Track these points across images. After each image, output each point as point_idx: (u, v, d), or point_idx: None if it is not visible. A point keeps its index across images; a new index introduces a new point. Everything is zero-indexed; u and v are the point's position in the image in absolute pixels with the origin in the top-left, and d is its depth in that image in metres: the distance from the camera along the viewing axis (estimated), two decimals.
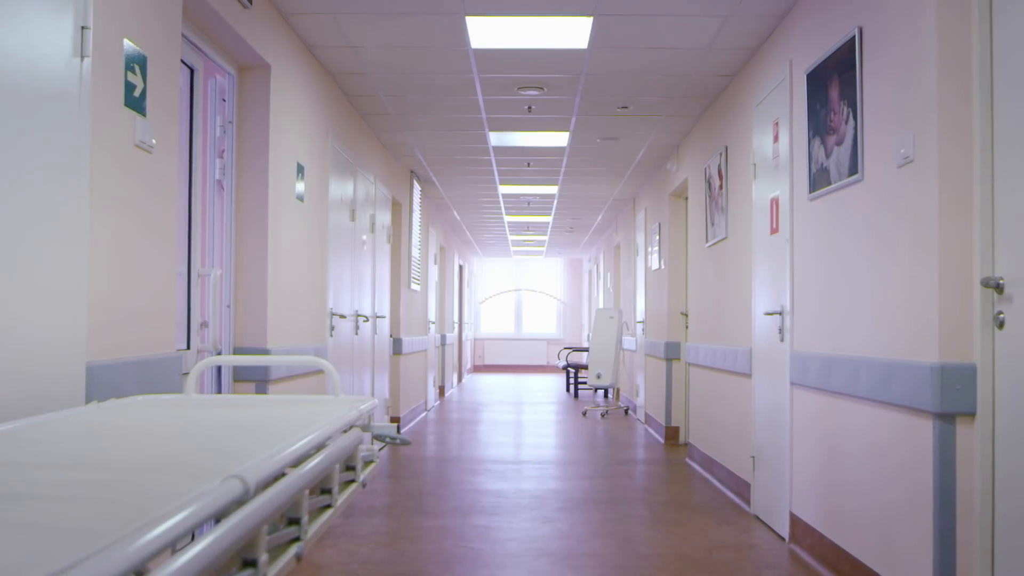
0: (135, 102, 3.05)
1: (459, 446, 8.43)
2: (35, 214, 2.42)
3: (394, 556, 4.34)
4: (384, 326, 8.53)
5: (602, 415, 11.57)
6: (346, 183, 6.72)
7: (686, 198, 8.57)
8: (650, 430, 9.85)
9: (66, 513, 1.13)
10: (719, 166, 6.52)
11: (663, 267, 9.05)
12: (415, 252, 10.33)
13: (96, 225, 2.80)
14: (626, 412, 11.94)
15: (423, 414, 11.35)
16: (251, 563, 1.31)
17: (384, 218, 8.46)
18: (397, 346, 9.40)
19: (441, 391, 14.34)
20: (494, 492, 6.04)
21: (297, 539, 1.53)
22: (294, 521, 1.55)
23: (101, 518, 1.09)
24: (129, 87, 3.00)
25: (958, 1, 3.12)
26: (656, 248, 9.53)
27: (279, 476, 1.60)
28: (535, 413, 11.86)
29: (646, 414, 10.30)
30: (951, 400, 3.07)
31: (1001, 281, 2.95)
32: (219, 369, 4.49)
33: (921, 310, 3.24)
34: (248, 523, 1.25)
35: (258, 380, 4.57)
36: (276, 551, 1.46)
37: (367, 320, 7.56)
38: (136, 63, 3.05)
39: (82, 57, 2.65)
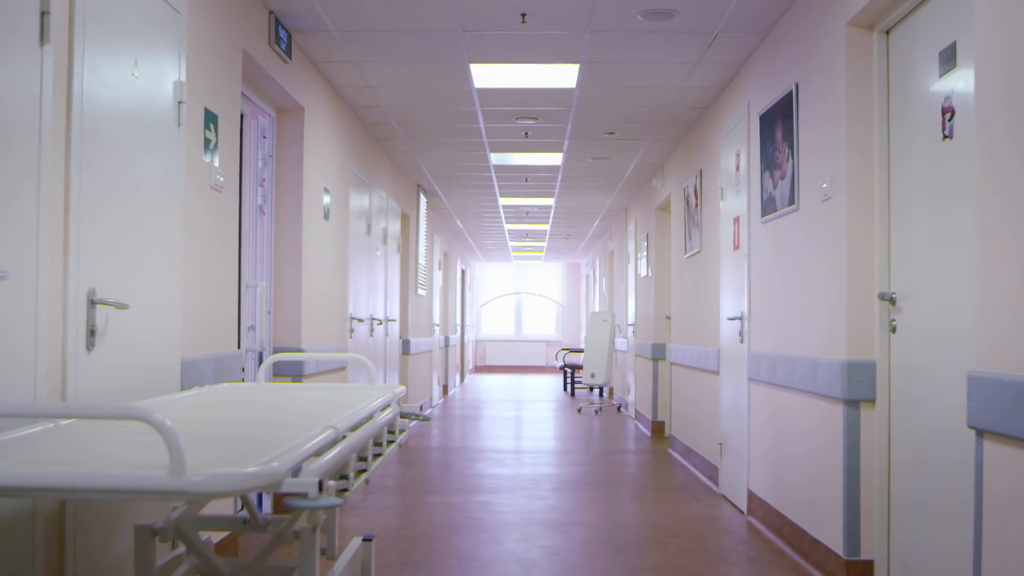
0: (210, 152, 3.86)
1: (462, 438, 9.24)
2: (152, 243, 3.23)
3: (408, 524, 5.14)
4: (394, 328, 9.34)
5: (596, 412, 12.37)
6: (362, 199, 7.53)
7: (670, 212, 9.37)
8: (639, 425, 10.66)
9: (234, 447, 1.93)
10: (695, 186, 7.32)
11: (651, 274, 9.84)
12: (421, 260, 11.12)
13: (187, 250, 3.60)
14: (618, 409, 12.74)
15: (428, 411, 12.15)
16: (344, 477, 2.12)
17: (394, 229, 9.27)
18: (405, 347, 10.19)
19: (445, 390, 15.11)
20: (494, 476, 6.85)
21: (364, 471, 2.34)
22: (362, 459, 2.37)
23: (258, 445, 1.90)
24: (207, 141, 3.81)
25: (863, 73, 3.93)
26: (645, 256, 10.32)
27: (344, 436, 2.40)
28: (533, 410, 12.67)
29: (636, 410, 11.10)
30: (856, 389, 3.88)
31: (894, 296, 3.75)
32: (257, 364, 5.29)
33: (835, 318, 4.05)
34: (343, 454, 2.05)
35: (293, 374, 5.37)
36: (355, 476, 2.27)
37: (380, 323, 8.36)
38: (211, 122, 3.86)
39: (179, 124, 3.46)
